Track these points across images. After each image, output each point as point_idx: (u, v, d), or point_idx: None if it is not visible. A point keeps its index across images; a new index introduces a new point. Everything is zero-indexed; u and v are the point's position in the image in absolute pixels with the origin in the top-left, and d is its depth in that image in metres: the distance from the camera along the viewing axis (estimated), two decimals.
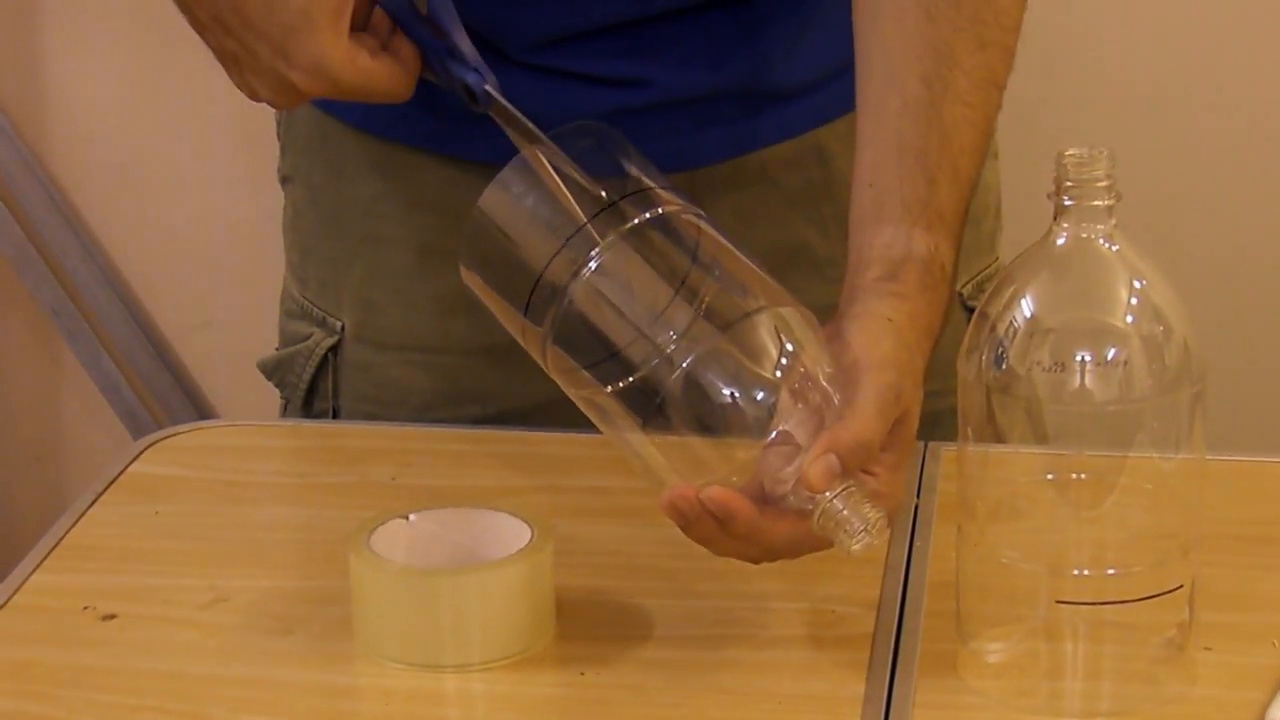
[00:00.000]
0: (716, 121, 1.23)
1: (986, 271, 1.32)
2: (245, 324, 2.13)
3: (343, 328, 1.31)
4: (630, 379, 0.95)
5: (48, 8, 2.12)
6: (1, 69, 2.15)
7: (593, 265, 0.96)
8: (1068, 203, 0.93)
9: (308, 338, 1.32)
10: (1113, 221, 0.93)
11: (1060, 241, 0.93)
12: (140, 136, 2.15)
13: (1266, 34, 1.94)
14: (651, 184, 0.98)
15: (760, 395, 0.95)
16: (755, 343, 0.95)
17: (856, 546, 0.94)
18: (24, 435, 2.29)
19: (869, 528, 0.94)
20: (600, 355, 0.96)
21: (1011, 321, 0.93)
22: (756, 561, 0.99)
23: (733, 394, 0.95)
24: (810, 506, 0.94)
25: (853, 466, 0.94)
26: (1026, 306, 0.93)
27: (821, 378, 0.96)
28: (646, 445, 0.96)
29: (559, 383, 0.98)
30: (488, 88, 1.04)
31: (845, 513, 0.94)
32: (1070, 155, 0.93)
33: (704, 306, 0.95)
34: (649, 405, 0.95)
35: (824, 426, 0.95)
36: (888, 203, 1.04)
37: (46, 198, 2.17)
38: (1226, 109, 1.96)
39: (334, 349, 1.31)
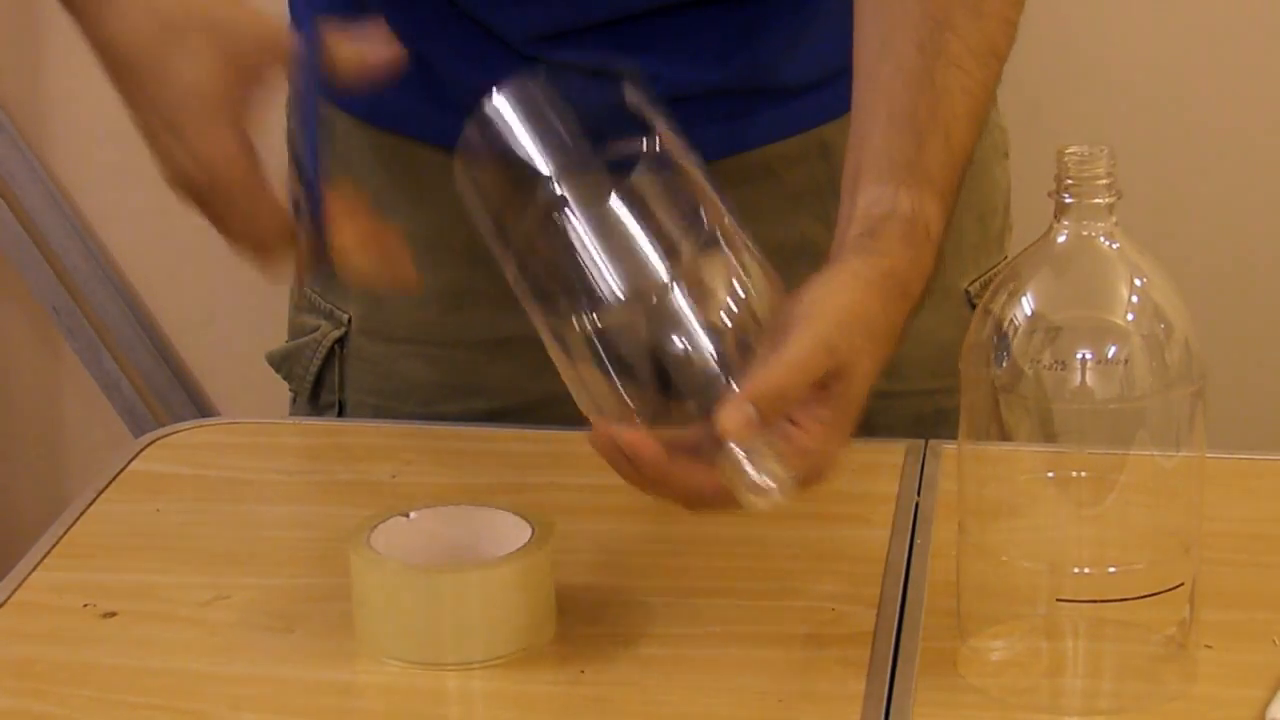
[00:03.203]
0: (719, 117, 1.23)
1: (994, 270, 1.32)
2: (246, 321, 2.14)
3: (349, 320, 1.31)
4: (580, 315, 0.94)
5: (48, 6, 2.12)
6: (2, 68, 2.15)
7: (569, 199, 0.95)
8: (1068, 200, 0.93)
9: (315, 330, 1.33)
10: (1113, 219, 0.93)
11: (1061, 239, 0.93)
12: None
13: (1267, 34, 1.94)
14: (659, 130, 0.98)
15: (700, 341, 0.94)
16: (703, 287, 0.94)
17: (755, 499, 0.91)
18: (25, 433, 2.29)
19: (776, 484, 0.91)
20: (557, 287, 0.95)
21: (1012, 319, 0.93)
22: (691, 508, 0.96)
23: (676, 339, 0.93)
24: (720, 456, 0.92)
25: (769, 415, 0.92)
26: (1027, 304, 0.93)
27: (765, 328, 0.95)
28: (582, 381, 0.95)
29: (520, 301, 0.98)
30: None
31: (746, 465, 0.91)
32: (1071, 153, 0.93)
33: (665, 249, 0.94)
34: (592, 343, 0.94)
35: None
36: (875, 163, 1.03)
37: (47, 195, 2.17)
38: (1227, 108, 1.96)
39: (340, 341, 1.32)
